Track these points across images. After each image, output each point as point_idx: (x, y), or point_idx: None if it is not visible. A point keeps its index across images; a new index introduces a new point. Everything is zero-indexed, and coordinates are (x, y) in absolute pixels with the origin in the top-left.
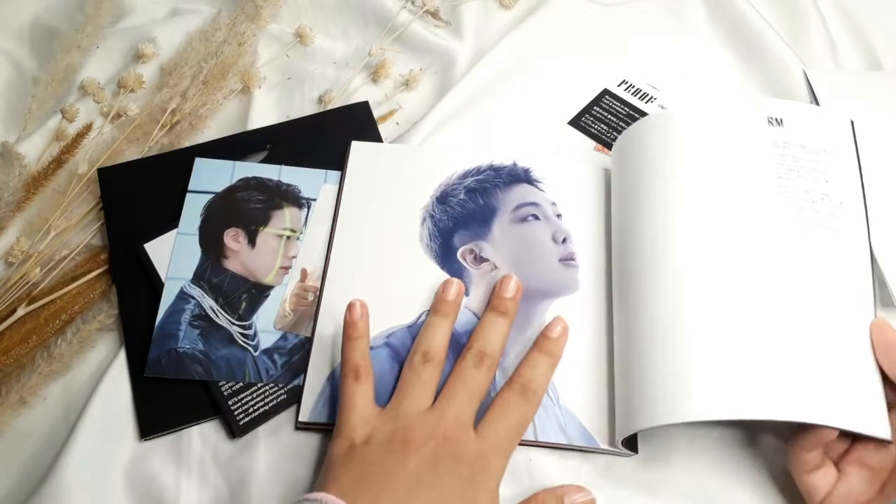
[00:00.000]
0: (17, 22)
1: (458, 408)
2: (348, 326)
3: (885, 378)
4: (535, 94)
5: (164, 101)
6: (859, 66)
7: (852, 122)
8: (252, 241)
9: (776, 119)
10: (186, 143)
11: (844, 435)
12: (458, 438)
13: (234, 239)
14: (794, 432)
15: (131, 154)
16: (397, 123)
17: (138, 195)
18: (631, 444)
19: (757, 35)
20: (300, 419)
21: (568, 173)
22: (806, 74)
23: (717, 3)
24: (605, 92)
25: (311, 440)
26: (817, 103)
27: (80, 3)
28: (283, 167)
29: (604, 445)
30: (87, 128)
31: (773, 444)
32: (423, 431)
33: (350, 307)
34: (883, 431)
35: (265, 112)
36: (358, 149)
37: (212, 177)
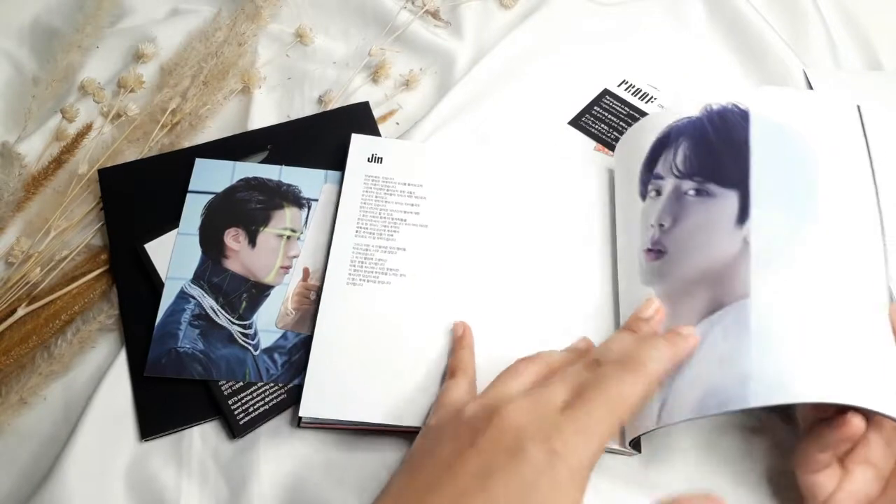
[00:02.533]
0: (17, 22)
1: (551, 392)
2: (454, 341)
3: None
4: (536, 94)
5: (164, 101)
6: (859, 66)
7: (859, 108)
8: (252, 241)
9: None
10: (186, 144)
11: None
12: (535, 415)
13: (234, 239)
14: (808, 431)
15: (131, 154)
16: (397, 123)
17: (139, 195)
18: (635, 443)
19: (757, 35)
20: (300, 413)
21: (570, 174)
22: (806, 74)
23: (717, 3)
24: (605, 92)
25: (312, 440)
26: None
27: (80, 3)
28: (284, 167)
29: (610, 444)
30: (87, 128)
31: (772, 443)
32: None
33: (454, 327)
34: None
35: (265, 112)
36: (359, 142)
37: (212, 177)
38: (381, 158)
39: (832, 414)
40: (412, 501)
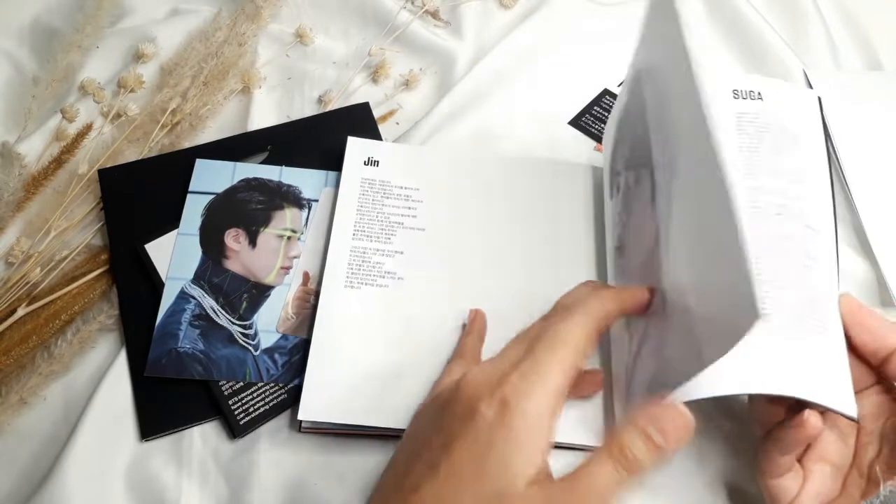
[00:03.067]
0: (17, 22)
1: (505, 353)
2: (467, 325)
3: (856, 360)
4: (535, 94)
5: (164, 101)
6: (859, 66)
7: (819, 99)
8: (253, 242)
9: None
10: (187, 144)
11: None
12: (489, 376)
13: (234, 239)
14: (767, 436)
15: (131, 154)
16: (397, 123)
17: (139, 196)
18: None
19: (757, 35)
20: (299, 417)
21: (566, 175)
22: (806, 74)
23: (717, 3)
24: (605, 92)
25: (313, 440)
26: None
27: (80, 3)
28: (284, 168)
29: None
30: (87, 128)
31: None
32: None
33: (468, 313)
34: (852, 410)
35: (265, 112)
36: (355, 145)
37: (212, 177)
38: (378, 161)
39: (787, 415)
40: (392, 488)
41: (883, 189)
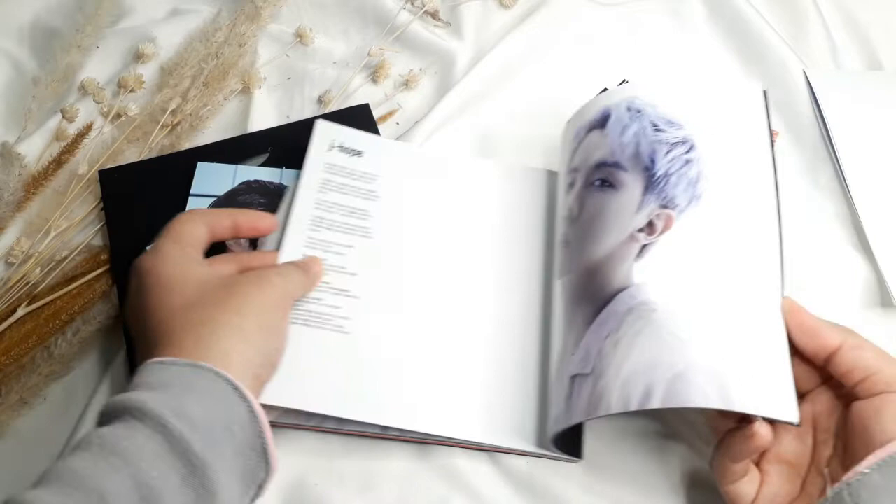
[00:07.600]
0: (17, 22)
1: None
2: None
3: (802, 361)
4: (536, 94)
5: (164, 101)
6: (859, 66)
7: (765, 93)
8: (254, 245)
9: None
10: (187, 144)
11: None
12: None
13: (236, 242)
14: (719, 444)
15: (131, 154)
16: (397, 123)
17: (139, 197)
18: (574, 448)
19: (757, 35)
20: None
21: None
22: (806, 74)
23: (717, 3)
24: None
25: (313, 440)
26: (817, 103)
27: (80, 3)
28: (285, 170)
29: (536, 449)
30: (87, 128)
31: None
32: None
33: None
34: (792, 415)
35: (265, 112)
36: (322, 129)
37: (214, 180)
38: (351, 149)
39: (738, 423)
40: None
41: (883, 189)
